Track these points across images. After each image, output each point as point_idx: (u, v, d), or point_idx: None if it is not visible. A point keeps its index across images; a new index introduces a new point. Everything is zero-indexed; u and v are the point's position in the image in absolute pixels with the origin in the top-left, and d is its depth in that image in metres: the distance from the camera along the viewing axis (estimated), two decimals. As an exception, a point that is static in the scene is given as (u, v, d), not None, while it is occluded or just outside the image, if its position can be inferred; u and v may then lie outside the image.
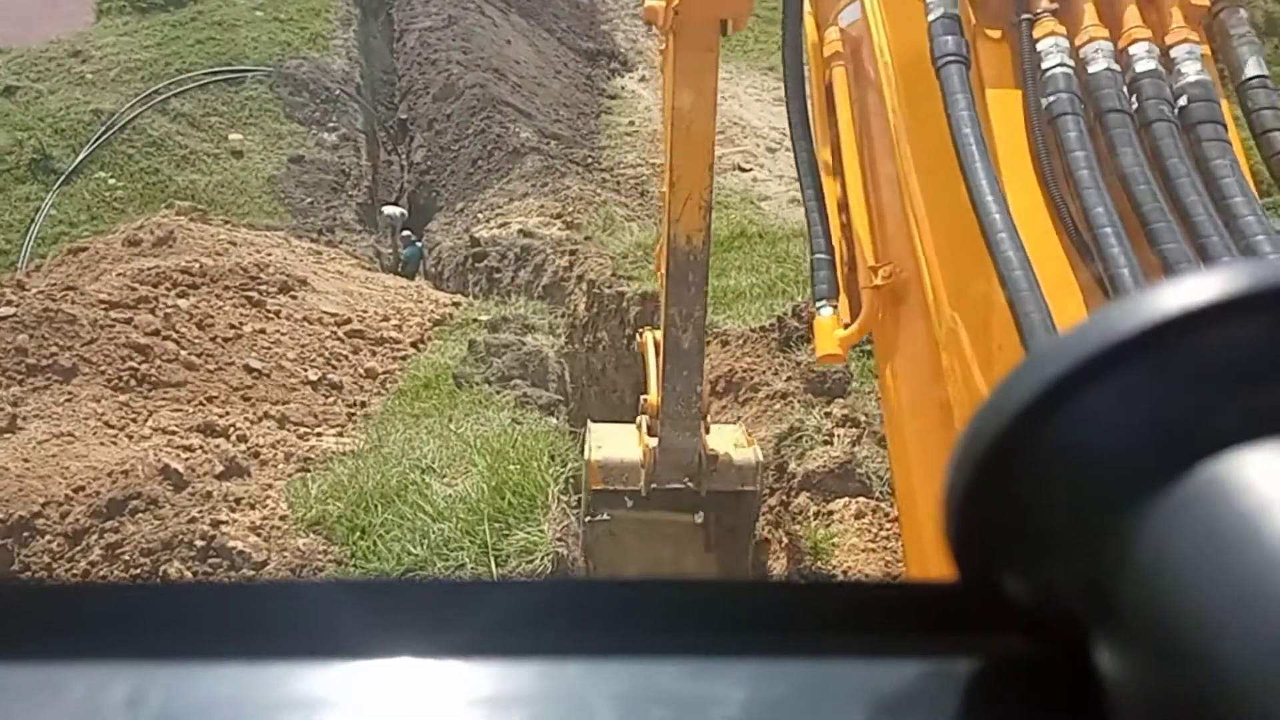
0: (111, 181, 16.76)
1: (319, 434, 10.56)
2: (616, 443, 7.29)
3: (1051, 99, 1.74)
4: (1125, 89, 1.76)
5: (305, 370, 11.41)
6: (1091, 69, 1.77)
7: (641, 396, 7.37)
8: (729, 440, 7.48)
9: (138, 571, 7.86)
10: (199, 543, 8.07)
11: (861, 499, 8.32)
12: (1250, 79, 1.81)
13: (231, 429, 10.05)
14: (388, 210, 18.16)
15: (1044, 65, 1.77)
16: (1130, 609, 0.43)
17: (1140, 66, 1.77)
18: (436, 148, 18.99)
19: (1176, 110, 1.73)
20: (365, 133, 19.38)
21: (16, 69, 18.32)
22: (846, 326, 2.41)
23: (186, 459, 9.18)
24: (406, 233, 17.92)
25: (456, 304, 13.96)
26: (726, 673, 0.49)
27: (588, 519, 7.35)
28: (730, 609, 0.53)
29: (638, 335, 8.24)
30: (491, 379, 11.41)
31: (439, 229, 17.71)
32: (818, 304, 2.54)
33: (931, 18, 1.77)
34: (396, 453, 9.70)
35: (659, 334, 7.09)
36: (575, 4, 23.71)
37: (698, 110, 5.77)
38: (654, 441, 6.78)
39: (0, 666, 0.46)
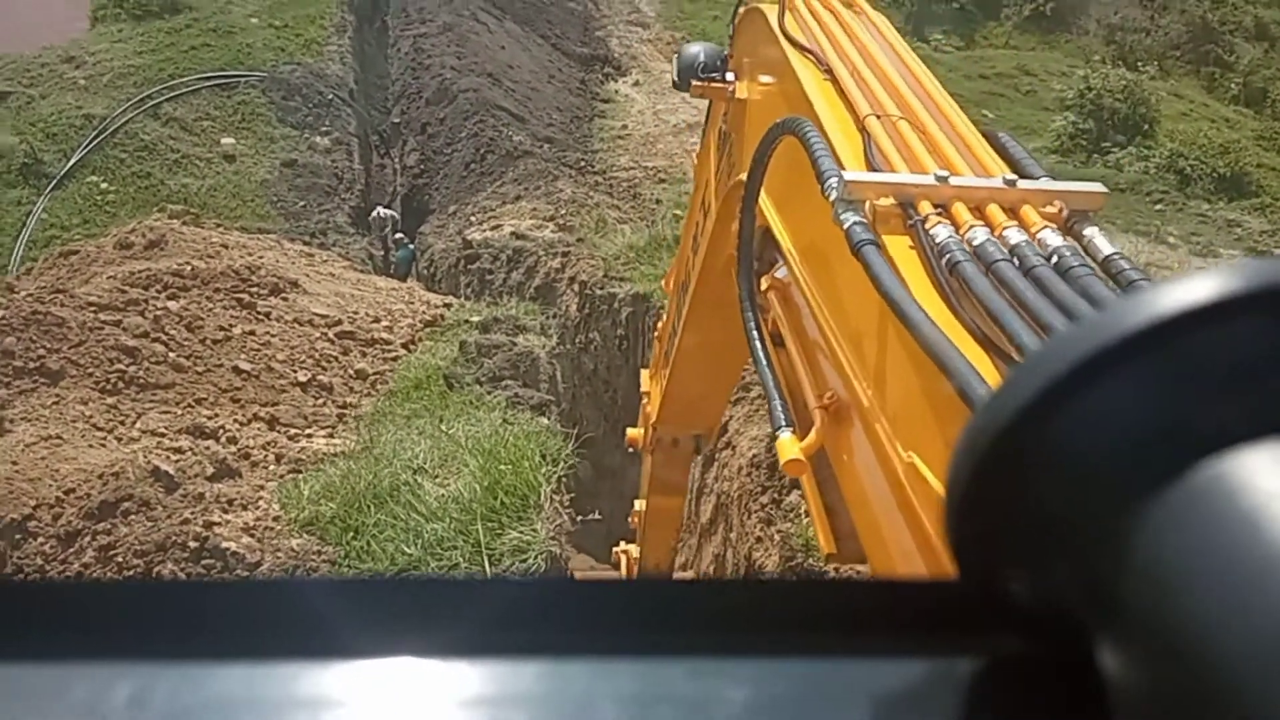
0: (103, 185, 16.71)
1: (309, 435, 10.53)
2: None
3: (948, 256, 2.14)
4: (1007, 251, 2.17)
5: (295, 372, 11.38)
6: (976, 242, 2.19)
7: None
8: None
9: (131, 573, 7.83)
10: (192, 544, 8.05)
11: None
12: (1110, 255, 2.20)
13: (221, 431, 10.01)
14: (380, 212, 18.12)
15: (937, 240, 2.21)
16: (1131, 608, 0.43)
17: (1015, 239, 2.19)
18: (429, 151, 18.96)
19: (1052, 264, 2.12)
20: (358, 136, 19.35)
21: (10, 75, 18.26)
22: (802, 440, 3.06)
23: (176, 461, 9.15)
24: (400, 235, 17.90)
25: (448, 305, 13.94)
26: (727, 672, 0.49)
27: None
28: (730, 609, 0.53)
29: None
30: (483, 380, 11.40)
31: (431, 231, 17.69)
32: (777, 429, 3.10)
33: (847, 225, 2.28)
34: (388, 453, 9.68)
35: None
36: (569, 10, 23.71)
37: (669, 511, 7.45)
38: None
39: (3, 667, 0.46)
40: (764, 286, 3.49)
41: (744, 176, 3.47)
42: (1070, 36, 24.36)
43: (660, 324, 6.71)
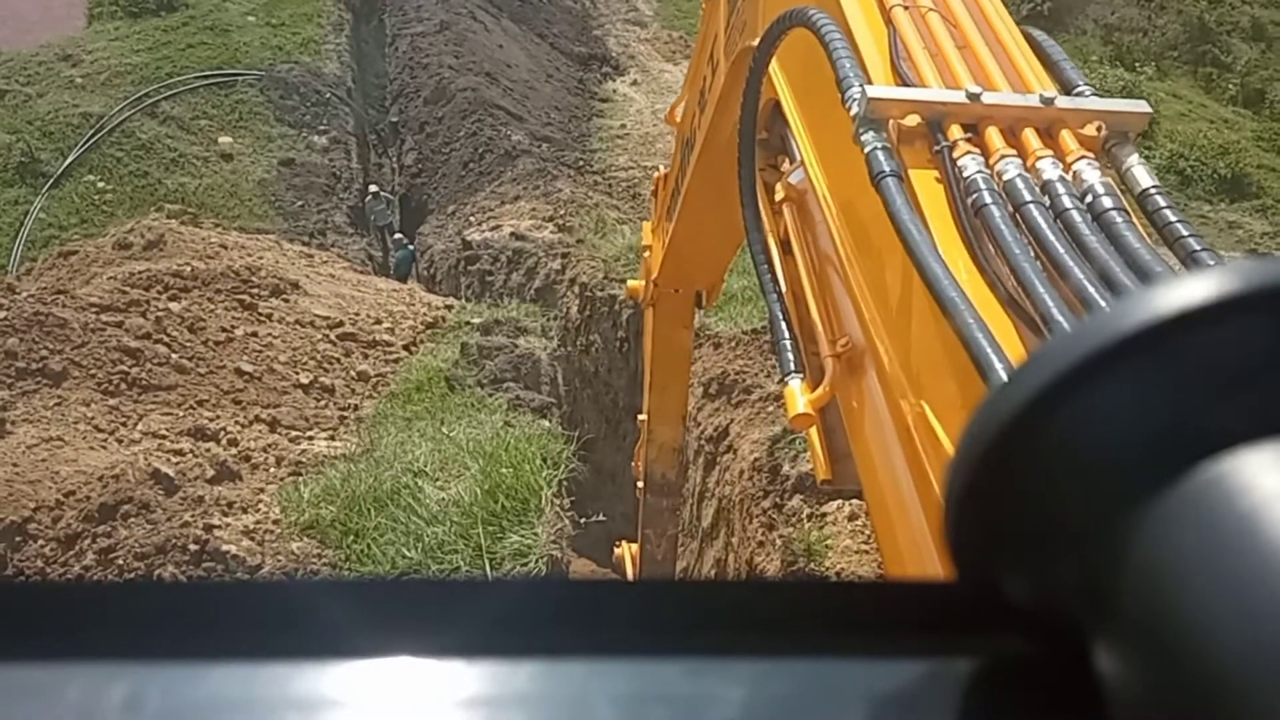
0: (100, 185, 16.70)
1: (311, 437, 10.52)
2: None
3: (974, 195, 2.01)
4: (1038, 190, 2.03)
5: (297, 373, 11.37)
6: (1006, 177, 2.04)
7: None
8: None
9: (131, 576, 7.83)
10: (192, 547, 8.04)
11: (855, 501, 8.32)
12: (1147, 189, 2.08)
13: (222, 433, 10.01)
14: (373, 189, 18.32)
15: (964, 174, 2.06)
16: (1129, 608, 0.43)
17: (1048, 175, 2.05)
18: (428, 150, 18.97)
19: (1085, 204, 2.00)
20: (356, 136, 19.35)
21: (6, 73, 18.25)
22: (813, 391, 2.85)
23: (177, 463, 9.14)
24: (399, 235, 17.91)
25: (449, 307, 13.93)
26: (726, 672, 0.48)
27: None
28: (730, 609, 0.53)
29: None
30: (484, 382, 11.39)
31: (430, 232, 17.69)
32: (786, 376, 2.91)
33: (868, 149, 2.12)
34: (389, 456, 9.68)
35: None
36: (567, 9, 23.73)
37: (673, 375, 6.95)
38: None
39: None
40: (778, 196, 3.20)
41: (754, 43, 3.10)
42: (1068, 36, 24.37)
43: (659, 175, 6.31)
